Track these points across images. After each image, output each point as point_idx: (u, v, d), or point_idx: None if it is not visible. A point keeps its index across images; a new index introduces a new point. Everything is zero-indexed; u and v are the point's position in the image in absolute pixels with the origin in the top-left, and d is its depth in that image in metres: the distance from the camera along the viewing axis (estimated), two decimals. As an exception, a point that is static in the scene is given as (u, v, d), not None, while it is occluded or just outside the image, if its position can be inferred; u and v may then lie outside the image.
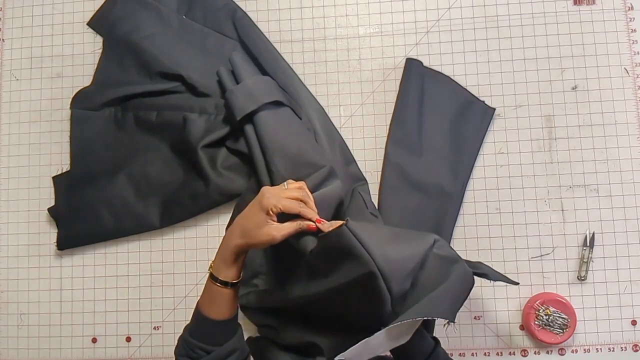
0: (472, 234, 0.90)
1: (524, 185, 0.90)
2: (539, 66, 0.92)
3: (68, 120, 0.96)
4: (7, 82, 0.99)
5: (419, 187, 0.88)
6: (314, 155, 0.83)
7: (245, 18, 0.96)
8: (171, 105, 0.92)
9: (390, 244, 0.63)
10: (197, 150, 0.88)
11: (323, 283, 0.67)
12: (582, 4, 0.93)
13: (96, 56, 0.98)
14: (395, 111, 0.91)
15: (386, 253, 0.61)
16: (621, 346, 0.87)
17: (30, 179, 0.97)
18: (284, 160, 0.82)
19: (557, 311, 0.84)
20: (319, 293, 0.68)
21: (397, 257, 0.62)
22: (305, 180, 0.78)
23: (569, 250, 0.88)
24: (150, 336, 0.92)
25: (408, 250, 0.63)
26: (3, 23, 1.01)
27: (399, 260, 0.62)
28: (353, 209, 0.85)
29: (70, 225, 0.93)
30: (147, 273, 0.93)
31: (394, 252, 0.62)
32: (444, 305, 0.62)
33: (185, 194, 0.90)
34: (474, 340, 0.88)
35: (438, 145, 0.90)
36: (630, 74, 0.91)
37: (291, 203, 0.68)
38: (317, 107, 0.92)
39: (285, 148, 0.82)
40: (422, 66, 0.92)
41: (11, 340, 0.94)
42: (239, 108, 0.84)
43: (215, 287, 0.68)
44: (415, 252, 0.64)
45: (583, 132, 0.90)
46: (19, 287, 0.95)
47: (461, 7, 0.94)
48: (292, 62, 0.95)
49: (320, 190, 0.78)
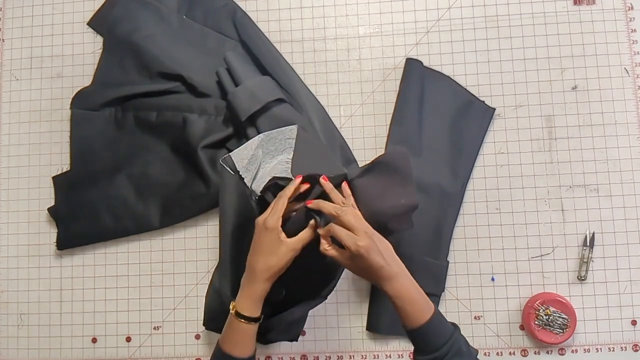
0: (472, 234, 0.90)
1: (524, 185, 0.90)
2: (539, 66, 0.92)
3: (68, 120, 0.96)
4: (7, 82, 0.99)
5: (419, 187, 0.87)
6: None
7: (245, 18, 0.96)
8: (171, 106, 0.92)
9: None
10: (197, 150, 0.88)
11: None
12: (582, 4, 0.93)
13: (96, 56, 0.98)
14: (395, 111, 0.91)
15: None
16: (621, 346, 0.87)
17: (30, 179, 0.97)
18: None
19: (557, 311, 0.84)
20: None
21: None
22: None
23: (569, 250, 0.89)
24: (150, 336, 0.92)
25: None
26: (3, 23, 1.01)
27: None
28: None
29: (70, 225, 0.93)
30: (147, 273, 0.93)
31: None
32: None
33: (186, 194, 0.90)
34: (474, 340, 0.88)
35: (438, 145, 0.90)
36: (630, 74, 0.91)
37: (279, 204, 0.70)
38: (317, 107, 0.92)
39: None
40: (422, 66, 0.92)
41: (11, 340, 0.94)
42: (243, 109, 0.84)
43: (242, 325, 0.70)
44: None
45: (583, 132, 0.90)
46: (19, 287, 0.95)
47: (461, 7, 0.94)
48: (292, 62, 0.95)
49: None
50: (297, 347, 0.90)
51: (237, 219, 0.82)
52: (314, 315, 0.90)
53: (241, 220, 0.82)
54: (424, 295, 0.68)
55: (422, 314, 0.66)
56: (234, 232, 0.82)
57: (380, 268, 0.66)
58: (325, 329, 0.90)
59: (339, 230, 0.67)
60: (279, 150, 0.82)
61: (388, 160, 0.76)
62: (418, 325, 0.66)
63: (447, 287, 0.89)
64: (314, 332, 0.90)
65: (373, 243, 0.66)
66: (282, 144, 0.82)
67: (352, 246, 0.66)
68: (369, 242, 0.66)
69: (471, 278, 0.89)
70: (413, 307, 0.66)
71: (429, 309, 0.67)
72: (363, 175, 0.77)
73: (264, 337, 0.82)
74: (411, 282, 0.68)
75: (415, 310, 0.66)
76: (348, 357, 0.89)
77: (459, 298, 0.89)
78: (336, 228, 0.68)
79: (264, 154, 0.82)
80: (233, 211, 0.82)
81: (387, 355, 0.89)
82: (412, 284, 0.68)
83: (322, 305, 0.87)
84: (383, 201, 0.75)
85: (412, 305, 0.66)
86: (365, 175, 0.77)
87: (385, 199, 0.75)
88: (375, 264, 0.66)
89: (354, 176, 0.77)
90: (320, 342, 0.90)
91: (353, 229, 0.67)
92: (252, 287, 0.70)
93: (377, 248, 0.66)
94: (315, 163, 0.80)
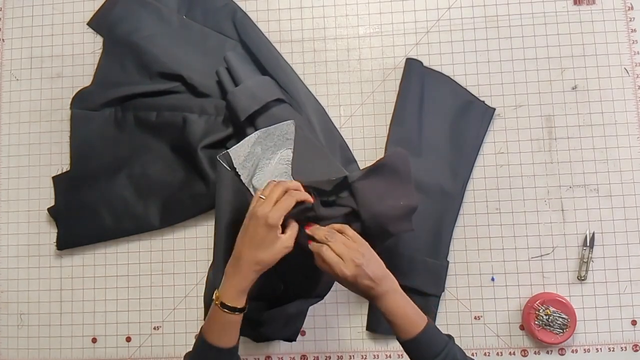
0: (472, 234, 0.90)
1: (524, 185, 0.90)
2: (539, 66, 0.92)
3: (68, 120, 0.96)
4: (7, 82, 0.99)
5: (419, 187, 0.87)
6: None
7: (245, 18, 0.96)
8: (171, 106, 0.92)
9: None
10: (197, 150, 0.88)
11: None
12: (582, 4, 0.93)
13: (96, 56, 0.98)
14: (395, 111, 0.91)
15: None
16: (621, 346, 0.87)
17: (30, 179, 0.97)
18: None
19: (557, 311, 0.84)
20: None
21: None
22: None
23: (569, 250, 0.88)
24: (150, 336, 0.92)
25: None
26: (3, 23, 1.01)
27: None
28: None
29: (70, 225, 0.93)
30: (147, 273, 0.93)
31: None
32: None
33: (186, 194, 0.90)
34: (474, 340, 0.88)
35: (438, 145, 0.90)
36: (630, 74, 0.91)
37: (286, 202, 0.68)
38: (317, 107, 0.92)
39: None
40: (422, 66, 0.92)
41: (11, 340, 0.94)
42: (242, 109, 0.84)
43: (226, 316, 0.68)
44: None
45: (583, 132, 0.90)
46: (19, 287, 0.95)
47: (461, 7, 0.94)
48: (292, 62, 0.95)
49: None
50: (297, 347, 0.90)
51: (232, 215, 0.82)
52: (314, 315, 0.90)
53: (236, 217, 0.82)
54: (415, 308, 0.69)
55: (413, 327, 0.67)
56: (228, 228, 0.82)
57: (369, 289, 0.67)
58: (325, 329, 0.90)
59: (328, 255, 0.68)
60: (278, 146, 0.83)
61: (388, 162, 0.76)
62: (410, 338, 0.66)
63: (447, 287, 0.89)
64: (314, 332, 0.90)
65: (360, 270, 0.67)
66: (280, 139, 0.82)
67: (338, 272, 0.67)
68: (355, 271, 0.66)
69: (471, 278, 0.89)
70: (403, 321, 0.67)
71: (422, 321, 0.67)
72: (364, 177, 0.77)
73: (258, 333, 0.82)
74: (401, 297, 0.69)
75: (406, 324, 0.67)
76: (348, 357, 0.89)
77: (459, 298, 0.89)
78: (325, 252, 0.68)
79: (263, 150, 0.82)
80: (228, 208, 0.83)
81: (387, 355, 0.89)
82: (402, 299, 0.69)
83: (322, 305, 0.87)
84: (383, 203, 0.75)
85: (403, 319, 0.67)
86: (366, 177, 0.77)
87: (384, 200, 0.76)
88: (363, 287, 0.67)
89: (355, 179, 0.77)
90: (320, 342, 0.90)
91: (341, 255, 0.67)
92: (239, 277, 0.68)
93: (365, 273, 0.67)
94: (315, 166, 0.81)
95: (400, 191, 0.76)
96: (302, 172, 0.79)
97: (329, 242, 0.68)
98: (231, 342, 0.69)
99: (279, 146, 0.83)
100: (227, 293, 0.68)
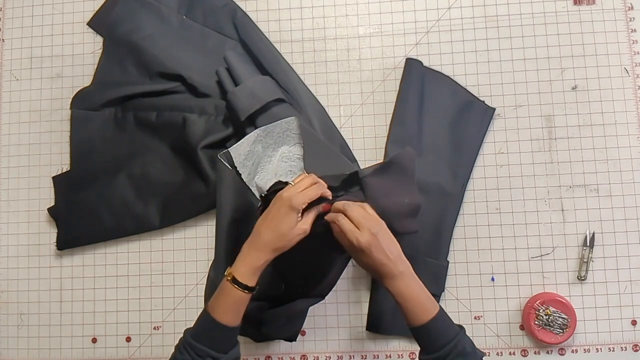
0: (472, 234, 0.90)
1: (524, 185, 0.90)
2: (539, 66, 0.92)
3: (68, 120, 0.96)
4: (7, 82, 0.99)
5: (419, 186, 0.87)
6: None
7: (245, 18, 0.96)
8: (171, 106, 0.92)
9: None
10: (197, 150, 0.88)
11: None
12: (582, 4, 0.93)
13: (96, 56, 0.98)
14: (395, 111, 0.91)
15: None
16: (621, 346, 0.87)
17: (30, 179, 0.97)
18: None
19: (557, 311, 0.84)
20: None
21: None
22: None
23: (569, 250, 0.88)
24: (150, 336, 0.92)
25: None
26: (3, 23, 1.01)
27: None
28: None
29: (70, 225, 0.93)
30: (147, 273, 0.93)
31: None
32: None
33: (186, 194, 0.90)
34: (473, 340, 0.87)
35: (438, 145, 0.90)
36: (630, 74, 0.91)
37: (313, 190, 0.69)
38: (317, 107, 0.92)
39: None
40: (422, 66, 0.92)
41: (11, 340, 0.94)
42: (242, 109, 0.84)
43: (236, 292, 0.68)
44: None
45: (583, 132, 0.90)
46: (19, 287, 0.95)
47: (461, 7, 0.94)
48: (292, 62, 0.95)
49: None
50: (297, 347, 0.90)
51: (234, 214, 0.82)
52: (314, 315, 0.90)
53: (237, 216, 0.82)
54: (428, 294, 0.68)
55: (425, 313, 0.66)
56: (229, 227, 0.83)
57: (383, 265, 0.67)
58: (325, 329, 0.90)
59: (344, 222, 0.68)
60: (278, 143, 0.83)
61: (398, 161, 0.77)
62: (420, 324, 0.66)
63: (447, 287, 0.89)
64: (314, 332, 0.90)
65: (375, 240, 0.66)
66: (280, 137, 0.82)
67: (353, 240, 0.66)
68: (370, 239, 0.66)
69: (471, 278, 0.89)
70: (415, 307, 0.66)
71: (434, 308, 0.67)
72: (374, 174, 0.77)
73: (258, 332, 0.82)
74: (415, 282, 0.68)
75: (418, 310, 0.66)
76: (348, 357, 0.89)
77: (459, 298, 0.89)
78: (341, 220, 0.68)
79: (264, 148, 0.82)
80: (229, 206, 0.83)
81: (387, 355, 0.89)
82: (417, 284, 0.68)
83: (322, 305, 0.87)
84: (388, 200, 0.76)
85: (415, 304, 0.67)
86: (376, 174, 0.77)
87: (390, 197, 0.76)
88: (378, 261, 0.66)
89: (366, 174, 0.77)
90: (320, 342, 0.90)
91: (357, 224, 0.67)
92: (254, 255, 0.68)
93: (380, 245, 0.66)
94: (325, 161, 0.81)
95: (405, 189, 0.76)
96: (313, 167, 0.80)
97: (346, 211, 0.68)
98: (235, 322, 0.69)
99: (279, 143, 0.83)
100: (241, 269, 0.68)
